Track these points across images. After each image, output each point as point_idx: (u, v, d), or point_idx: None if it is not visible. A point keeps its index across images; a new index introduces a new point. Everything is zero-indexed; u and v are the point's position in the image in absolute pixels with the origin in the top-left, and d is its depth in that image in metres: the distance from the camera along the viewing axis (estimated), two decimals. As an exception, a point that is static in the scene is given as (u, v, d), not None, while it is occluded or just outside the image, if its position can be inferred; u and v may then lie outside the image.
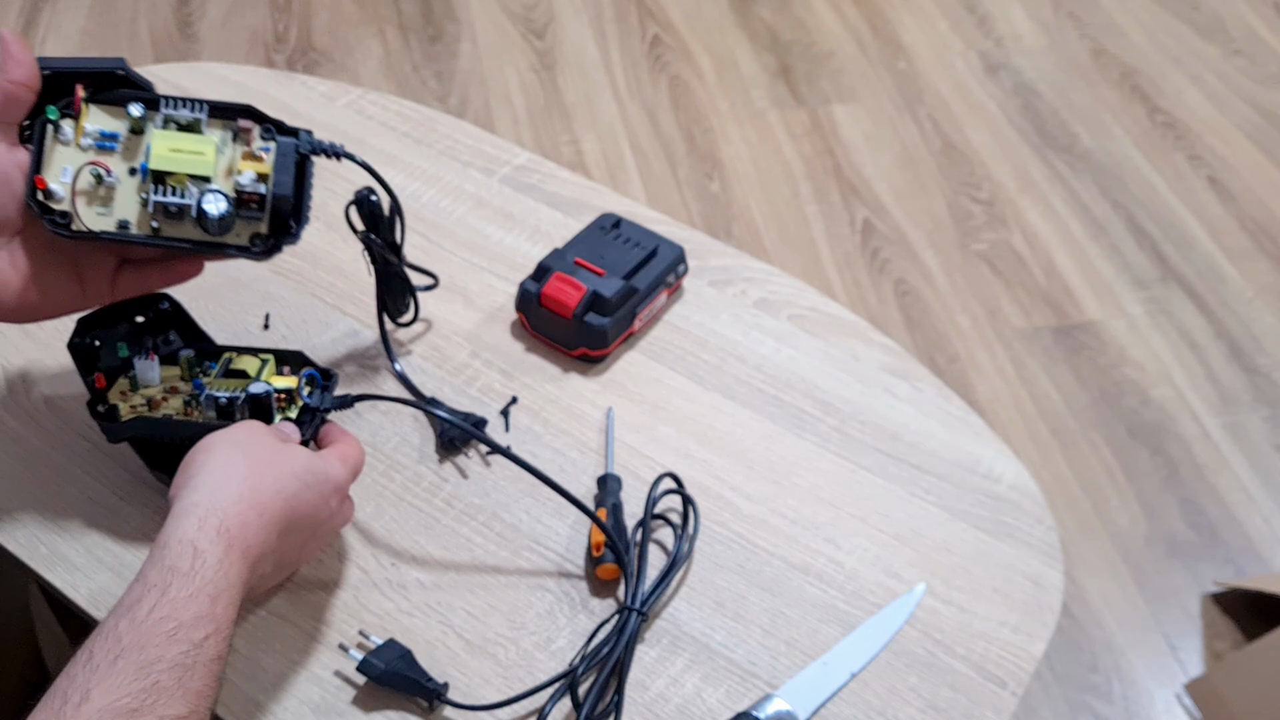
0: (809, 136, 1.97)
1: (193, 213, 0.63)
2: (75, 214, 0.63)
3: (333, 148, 0.66)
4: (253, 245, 0.65)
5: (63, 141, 0.63)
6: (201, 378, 0.70)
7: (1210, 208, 1.89)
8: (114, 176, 0.63)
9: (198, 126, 0.64)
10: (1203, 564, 1.45)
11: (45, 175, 0.62)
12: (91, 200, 0.63)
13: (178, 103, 0.64)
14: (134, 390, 0.70)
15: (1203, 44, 2.18)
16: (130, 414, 0.68)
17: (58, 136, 0.63)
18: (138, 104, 0.63)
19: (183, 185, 0.63)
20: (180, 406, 0.69)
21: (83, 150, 0.63)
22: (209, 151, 0.63)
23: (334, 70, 2.04)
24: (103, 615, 0.66)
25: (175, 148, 0.62)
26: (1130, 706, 1.32)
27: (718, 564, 0.72)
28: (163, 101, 0.64)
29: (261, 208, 0.64)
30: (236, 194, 0.64)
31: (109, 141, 0.63)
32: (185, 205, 0.63)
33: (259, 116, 0.64)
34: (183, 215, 0.64)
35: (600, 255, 0.83)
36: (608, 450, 0.76)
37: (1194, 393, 1.63)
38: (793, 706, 0.65)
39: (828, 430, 0.79)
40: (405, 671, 0.64)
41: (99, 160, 0.63)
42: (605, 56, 2.10)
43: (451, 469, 0.75)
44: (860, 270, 1.76)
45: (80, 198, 0.63)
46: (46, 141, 0.62)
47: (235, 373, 0.70)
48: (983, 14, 2.23)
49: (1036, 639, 0.69)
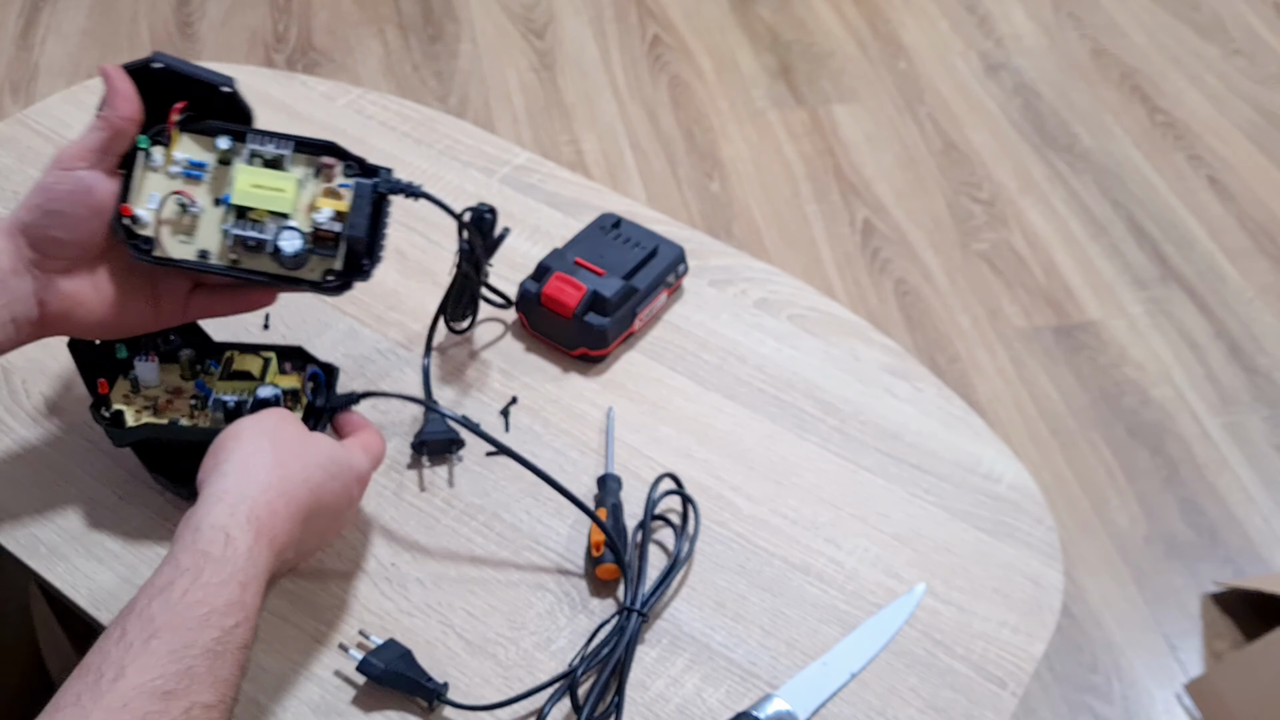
0: (809, 136, 1.97)
1: (269, 248, 0.65)
2: (159, 241, 0.65)
3: (410, 187, 0.67)
4: (325, 281, 0.67)
5: (152, 168, 0.65)
6: (203, 378, 0.70)
7: (1210, 208, 1.89)
8: (198, 206, 0.65)
9: (282, 162, 0.65)
10: (1202, 564, 1.45)
11: (133, 202, 0.64)
12: (175, 229, 0.65)
13: (264, 138, 0.65)
14: (135, 392, 0.69)
15: (1203, 44, 2.18)
16: (136, 419, 0.68)
17: (148, 163, 0.65)
18: (225, 137, 0.65)
19: (263, 220, 0.65)
20: (187, 410, 0.68)
21: (170, 178, 0.65)
22: (290, 189, 0.65)
23: (334, 70, 2.04)
24: (103, 615, 0.67)
25: (257, 184, 0.64)
26: (1130, 706, 1.33)
27: (718, 564, 0.72)
28: (249, 136, 0.65)
29: (336, 245, 0.66)
30: (313, 231, 0.65)
31: (196, 171, 0.65)
32: (263, 240, 0.65)
33: (342, 154, 0.66)
34: (260, 249, 0.65)
35: (600, 255, 0.83)
36: (608, 450, 0.76)
37: (1194, 393, 1.63)
38: (793, 706, 0.65)
39: (828, 430, 0.79)
40: (405, 671, 0.64)
41: (185, 190, 0.65)
42: (605, 56, 2.10)
43: (452, 469, 0.75)
44: (860, 270, 1.76)
45: (165, 226, 0.65)
46: (137, 169, 0.64)
47: (238, 374, 0.70)
48: (983, 14, 2.23)
49: (1036, 639, 0.69)
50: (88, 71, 2.00)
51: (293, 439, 0.62)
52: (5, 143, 0.95)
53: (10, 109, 1.92)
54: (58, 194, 0.62)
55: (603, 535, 0.69)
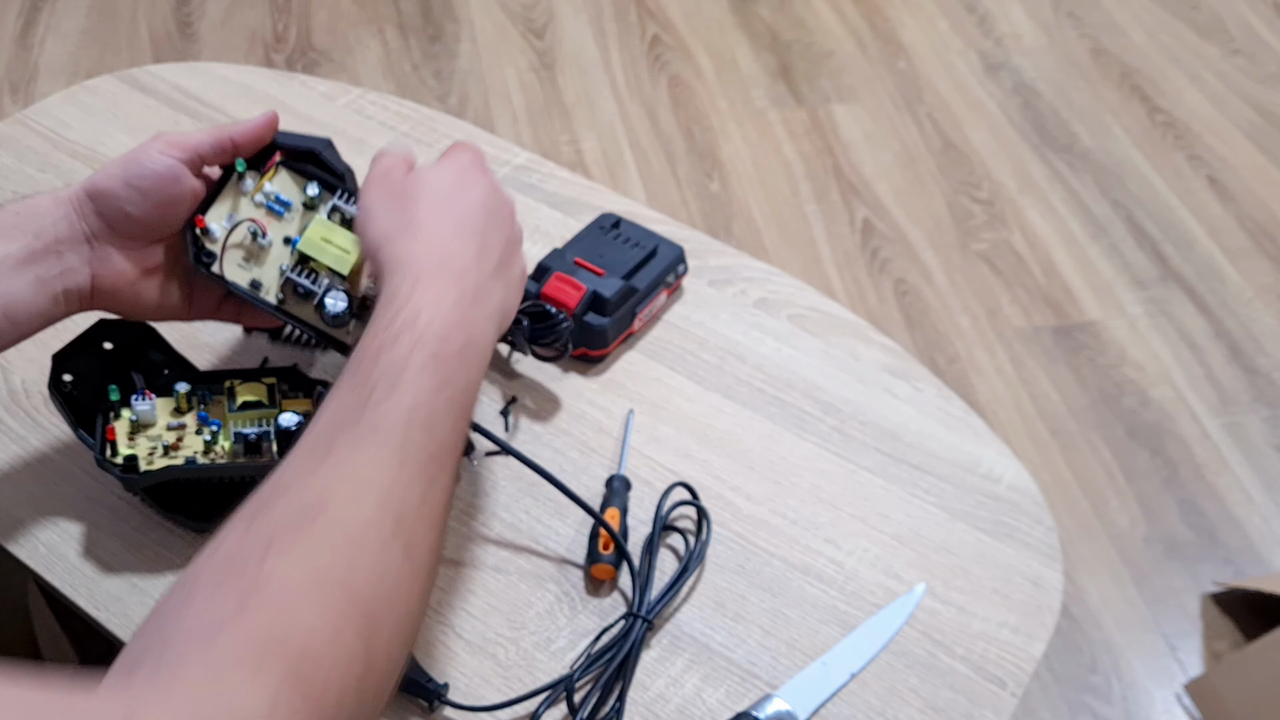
0: (809, 136, 1.97)
1: (316, 300, 0.66)
2: (220, 259, 0.66)
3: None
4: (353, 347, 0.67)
5: (241, 191, 0.67)
6: (204, 409, 0.69)
7: (1210, 208, 1.89)
8: (267, 239, 0.67)
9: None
10: (1202, 564, 1.45)
11: (210, 216, 0.66)
12: (239, 252, 0.67)
13: (350, 197, 0.67)
14: (137, 434, 0.68)
15: (1203, 44, 2.18)
16: (149, 463, 0.66)
17: (238, 186, 0.67)
18: (316, 184, 0.67)
19: (320, 272, 0.66)
20: (200, 445, 0.68)
21: (254, 205, 0.67)
22: (354, 253, 0.65)
23: (333, 70, 2.04)
24: (103, 615, 0.67)
25: (327, 238, 0.66)
26: (1129, 707, 1.33)
27: (718, 564, 0.72)
28: (338, 192, 0.67)
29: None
30: (361, 297, 0.66)
31: (280, 207, 0.67)
32: (313, 292, 0.66)
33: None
34: (308, 298, 0.66)
35: (600, 255, 0.83)
36: (622, 451, 0.76)
37: (1194, 393, 1.63)
38: (792, 707, 0.65)
39: (828, 430, 0.79)
40: (405, 672, 0.64)
41: (260, 221, 0.67)
42: (605, 56, 2.10)
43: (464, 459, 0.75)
44: (860, 270, 1.76)
45: (232, 248, 0.67)
46: (226, 188, 0.67)
47: (249, 404, 0.70)
48: (983, 14, 2.23)
49: (1036, 639, 0.69)
50: (87, 71, 2.00)
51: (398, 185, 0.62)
52: (5, 143, 0.95)
53: (10, 109, 1.92)
54: (147, 172, 0.63)
55: (609, 536, 0.69)
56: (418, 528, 0.49)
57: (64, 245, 0.62)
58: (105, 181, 0.63)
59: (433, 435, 0.52)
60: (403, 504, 0.49)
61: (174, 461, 0.67)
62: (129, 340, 0.71)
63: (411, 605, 0.48)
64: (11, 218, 0.62)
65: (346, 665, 0.42)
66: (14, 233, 0.61)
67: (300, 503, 0.47)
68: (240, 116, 0.97)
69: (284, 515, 0.46)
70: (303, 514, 0.46)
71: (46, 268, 0.61)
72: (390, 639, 0.46)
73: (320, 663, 0.41)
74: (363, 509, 0.47)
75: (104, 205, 0.63)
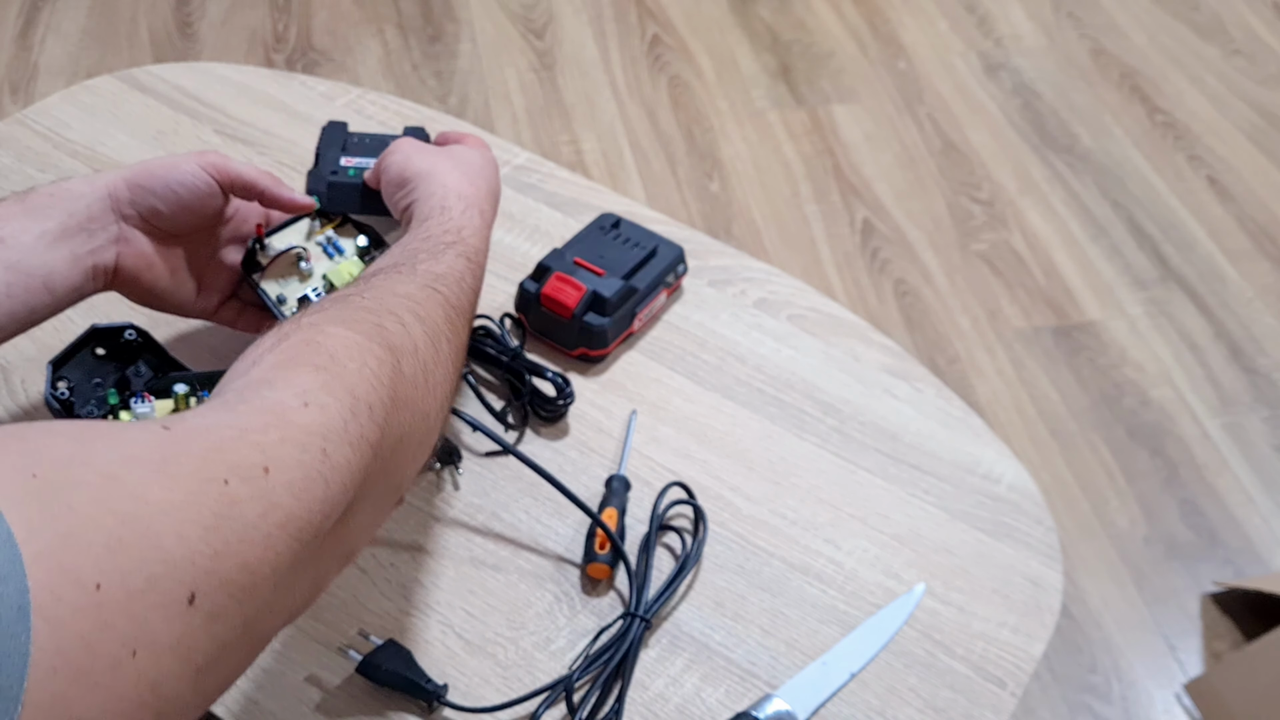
0: (809, 136, 1.97)
1: None
2: (263, 268, 0.74)
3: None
4: None
5: (309, 228, 0.76)
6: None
7: (1210, 208, 1.89)
8: (309, 266, 0.75)
9: None
10: (1202, 564, 1.45)
11: (275, 236, 0.75)
12: (278, 270, 0.75)
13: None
14: None
15: (1203, 44, 2.18)
16: None
17: (311, 224, 0.76)
18: (365, 237, 0.77)
19: None
20: None
21: (309, 239, 0.76)
22: None
23: (334, 70, 2.04)
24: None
25: (352, 273, 0.74)
26: (1129, 707, 1.32)
27: (717, 564, 0.72)
28: (380, 245, 0.77)
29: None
30: None
31: (332, 249, 0.76)
32: None
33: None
34: None
35: (600, 255, 0.83)
36: (623, 452, 0.76)
37: (1194, 394, 1.63)
38: (792, 706, 0.65)
39: (828, 431, 0.79)
40: (405, 673, 0.64)
41: (308, 252, 0.75)
42: (605, 56, 2.10)
43: (451, 468, 0.75)
44: (860, 270, 1.76)
45: (277, 265, 0.75)
46: (300, 220, 0.76)
47: None
48: (983, 14, 2.23)
49: (1036, 639, 0.69)
50: (87, 71, 2.00)
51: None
52: (5, 143, 0.95)
53: (10, 109, 1.92)
54: (188, 182, 0.69)
55: (605, 535, 0.69)
56: (439, 339, 0.56)
57: (95, 224, 0.67)
58: (147, 179, 0.68)
59: (458, 293, 0.61)
60: (429, 314, 0.57)
61: None
62: (122, 345, 0.72)
63: (435, 377, 0.55)
64: (46, 198, 0.66)
65: (375, 375, 0.49)
66: (51, 211, 0.65)
67: (339, 296, 0.56)
68: (240, 116, 0.97)
69: (324, 304, 0.55)
70: (339, 300, 0.55)
71: (80, 243, 0.66)
72: (413, 384, 0.52)
73: (348, 366, 0.48)
74: (391, 299, 0.56)
75: (140, 197, 0.68)
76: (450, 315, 0.59)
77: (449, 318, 0.59)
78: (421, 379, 0.53)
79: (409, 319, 0.55)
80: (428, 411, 0.54)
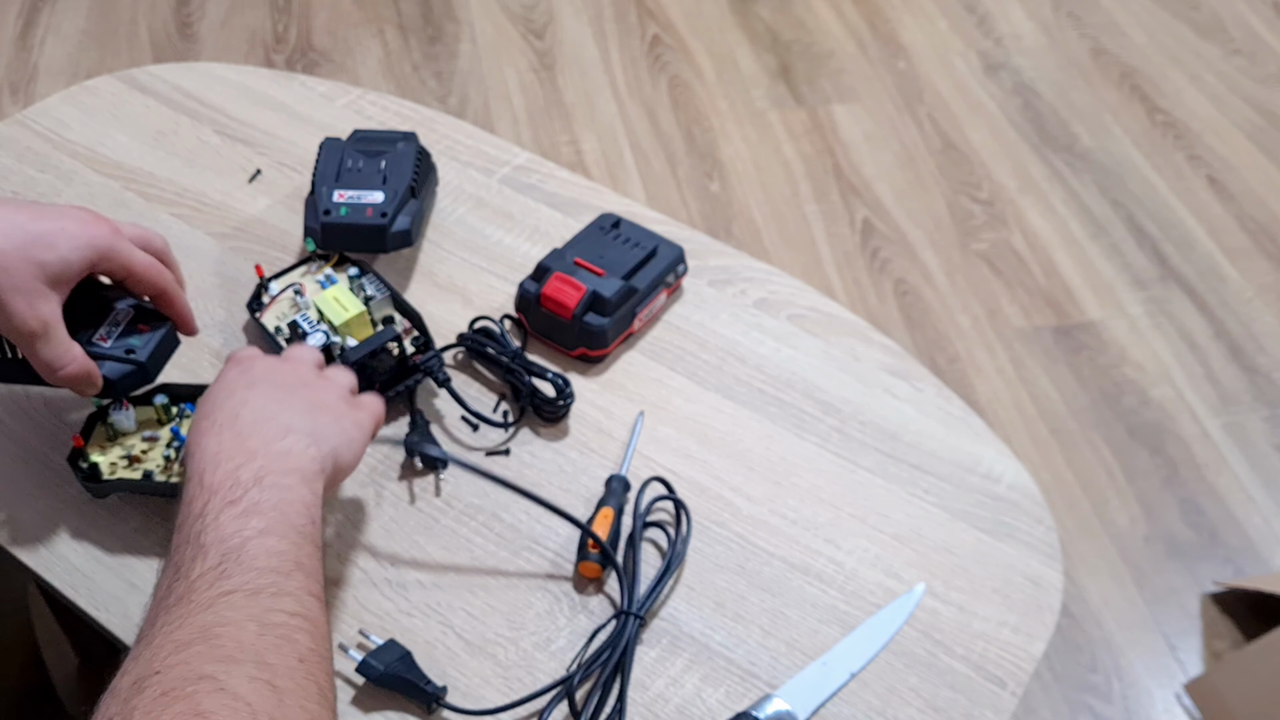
0: (809, 136, 1.97)
1: (303, 335, 0.77)
2: (265, 308, 0.80)
3: (443, 378, 0.77)
4: None
5: (310, 270, 0.82)
6: (178, 423, 0.72)
7: (1210, 208, 1.89)
8: (304, 299, 0.80)
9: (374, 302, 0.79)
10: (1202, 564, 1.45)
11: (277, 280, 0.81)
12: (280, 309, 0.80)
13: (382, 284, 0.81)
14: (113, 440, 0.71)
15: (1203, 44, 2.18)
16: (111, 471, 0.69)
17: (309, 265, 0.83)
18: (356, 269, 0.81)
19: (323, 321, 0.77)
20: (160, 461, 0.70)
21: (308, 277, 0.82)
22: (351, 311, 0.77)
23: (333, 70, 2.04)
24: (102, 615, 0.67)
25: (337, 298, 0.77)
26: (1130, 706, 1.32)
27: (718, 564, 0.72)
28: (369, 276, 0.81)
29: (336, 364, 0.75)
30: (340, 345, 0.76)
31: (328, 282, 0.81)
32: (306, 332, 0.76)
33: (420, 328, 0.78)
34: (302, 338, 0.77)
35: (600, 255, 0.83)
36: (627, 453, 0.76)
37: (1194, 393, 1.63)
38: (792, 706, 0.65)
39: (828, 430, 0.79)
40: (404, 674, 0.64)
41: (305, 288, 0.81)
42: (605, 56, 2.10)
43: (451, 469, 0.75)
44: (860, 270, 1.76)
45: (277, 302, 0.80)
46: (301, 264, 0.83)
47: None
48: (983, 14, 2.23)
49: (1036, 639, 0.69)
50: (87, 72, 2.00)
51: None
52: (5, 143, 0.95)
53: (10, 109, 1.92)
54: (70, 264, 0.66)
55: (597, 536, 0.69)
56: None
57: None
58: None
59: (251, 567, 0.53)
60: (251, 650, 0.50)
61: (132, 475, 0.69)
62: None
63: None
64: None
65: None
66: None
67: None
68: (240, 117, 0.98)
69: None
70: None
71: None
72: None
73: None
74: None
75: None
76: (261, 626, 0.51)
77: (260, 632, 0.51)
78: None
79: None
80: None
